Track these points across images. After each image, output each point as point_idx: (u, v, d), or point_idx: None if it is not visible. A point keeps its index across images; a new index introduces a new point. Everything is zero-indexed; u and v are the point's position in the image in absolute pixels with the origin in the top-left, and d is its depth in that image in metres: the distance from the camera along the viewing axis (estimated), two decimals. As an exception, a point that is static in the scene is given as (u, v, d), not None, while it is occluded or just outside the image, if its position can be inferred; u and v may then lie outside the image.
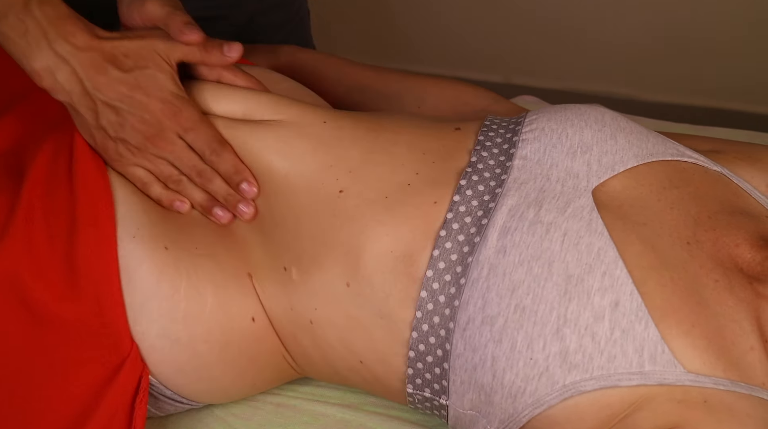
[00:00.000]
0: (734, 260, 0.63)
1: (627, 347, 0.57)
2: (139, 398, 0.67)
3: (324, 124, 0.71)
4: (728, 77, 1.75)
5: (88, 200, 0.68)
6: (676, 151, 0.69)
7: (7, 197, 0.68)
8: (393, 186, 0.67)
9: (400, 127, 0.72)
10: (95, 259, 0.66)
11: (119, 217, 0.68)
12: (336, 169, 0.68)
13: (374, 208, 0.66)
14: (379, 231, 0.65)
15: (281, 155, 0.70)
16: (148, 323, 0.67)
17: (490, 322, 0.60)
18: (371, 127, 0.71)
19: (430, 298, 0.63)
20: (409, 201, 0.66)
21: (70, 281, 0.66)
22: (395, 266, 0.64)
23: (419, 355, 0.64)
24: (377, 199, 0.66)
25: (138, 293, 0.67)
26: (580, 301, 0.58)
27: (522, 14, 1.84)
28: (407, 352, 0.64)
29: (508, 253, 0.61)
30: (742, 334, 0.59)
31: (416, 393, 0.66)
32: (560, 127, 0.68)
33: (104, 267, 0.66)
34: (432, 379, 0.64)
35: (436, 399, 0.65)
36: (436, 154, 0.69)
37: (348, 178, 0.67)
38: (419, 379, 0.65)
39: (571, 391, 0.58)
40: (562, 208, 0.63)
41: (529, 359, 0.58)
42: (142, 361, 0.68)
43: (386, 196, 0.66)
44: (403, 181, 0.67)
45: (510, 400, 0.60)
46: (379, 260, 0.65)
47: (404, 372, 0.66)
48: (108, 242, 0.67)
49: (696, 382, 0.57)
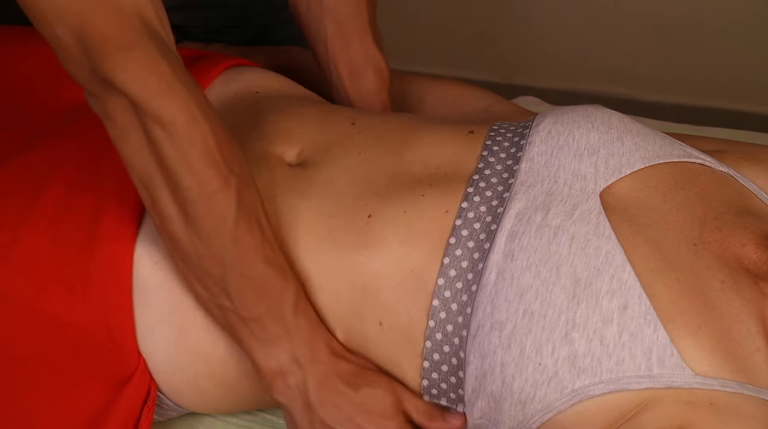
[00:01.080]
0: (740, 260, 0.62)
1: (635, 350, 0.57)
2: (146, 410, 0.68)
3: (359, 155, 0.71)
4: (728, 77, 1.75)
5: (115, 213, 0.67)
6: (683, 152, 0.69)
7: (21, 202, 0.68)
8: (410, 201, 0.66)
9: (420, 141, 0.71)
10: (109, 274, 0.66)
11: (144, 237, 0.67)
12: (365, 198, 0.68)
13: (396, 228, 0.65)
14: (401, 253, 0.65)
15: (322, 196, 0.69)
16: (155, 347, 0.67)
17: (499, 328, 0.59)
18: (397, 149, 0.71)
19: (443, 306, 0.63)
20: (425, 213, 0.66)
21: (80, 294, 0.66)
22: (414, 278, 0.64)
23: (434, 365, 0.64)
24: (397, 215, 0.66)
25: (150, 316, 0.67)
26: (588, 304, 0.58)
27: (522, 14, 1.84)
28: (422, 362, 0.64)
29: (515, 257, 0.60)
30: (748, 335, 0.59)
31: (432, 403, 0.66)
32: (567, 129, 0.68)
33: (117, 285, 0.66)
34: (447, 389, 0.64)
35: (453, 408, 0.65)
36: (448, 165, 0.69)
37: (375, 202, 0.67)
38: (435, 390, 0.65)
39: (581, 395, 0.57)
40: (569, 212, 0.62)
41: (538, 364, 0.58)
42: (150, 375, 0.68)
43: (405, 210, 0.66)
44: (419, 193, 0.67)
45: (520, 407, 0.59)
46: (402, 285, 0.64)
47: (419, 383, 0.65)
48: (125, 258, 0.66)
49: (703, 385, 0.57)
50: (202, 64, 0.83)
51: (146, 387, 0.67)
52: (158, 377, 0.69)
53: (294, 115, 0.76)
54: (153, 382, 0.68)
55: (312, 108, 0.78)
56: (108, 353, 0.66)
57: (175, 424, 0.76)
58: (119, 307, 0.66)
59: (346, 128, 0.74)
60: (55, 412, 0.66)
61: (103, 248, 0.66)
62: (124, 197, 0.67)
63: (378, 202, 0.67)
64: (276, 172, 0.70)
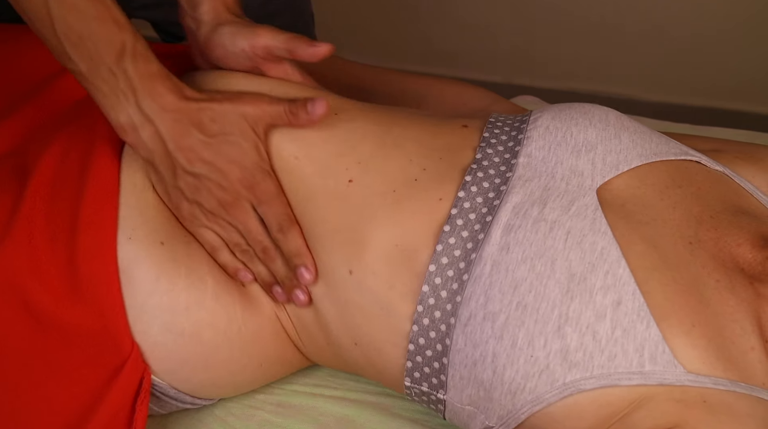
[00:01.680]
0: (735, 260, 0.63)
1: (627, 346, 0.57)
2: (140, 399, 0.68)
3: (336, 116, 0.71)
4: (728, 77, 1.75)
5: (93, 203, 0.68)
6: (679, 150, 0.69)
7: (10, 198, 0.68)
8: (401, 180, 0.67)
9: (409, 122, 0.72)
10: (95, 262, 0.67)
11: (119, 220, 0.68)
12: (347, 158, 0.68)
13: (382, 201, 0.66)
14: (385, 223, 0.66)
15: (292, 140, 0.70)
16: (150, 320, 0.67)
17: (492, 319, 0.60)
18: (382, 121, 0.72)
19: (432, 292, 0.63)
20: (416, 196, 0.66)
21: (70, 284, 0.66)
22: (399, 259, 0.64)
23: (419, 349, 0.64)
24: (386, 192, 0.67)
25: (138, 293, 0.67)
26: (582, 299, 0.58)
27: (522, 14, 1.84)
28: (407, 344, 0.65)
29: (511, 250, 0.61)
30: (742, 334, 0.60)
31: (414, 386, 0.66)
32: (565, 125, 0.68)
33: (104, 269, 0.67)
34: (430, 374, 0.65)
35: (433, 393, 0.66)
36: (443, 151, 0.69)
37: (358, 169, 0.68)
38: (417, 373, 0.65)
39: (571, 389, 0.58)
40: (566, 207, 0.63)
41: (529, 356, 0.58)
42: (143, 361, 0.68)
43: (394, 189, 0.67)
44: (411, 176, 0.67)
45: (509, 397, 0.60)
46: (383, 252, 0.65)
47: (402, 364, 0.66)
48: (108, 245, 0.67)
49: (695, 382, 0.57)
50: None
51: (139, 374, 0.67)
52: (159, 353, 0.69)
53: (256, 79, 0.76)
54: (147, 370, 0.68)
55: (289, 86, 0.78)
56: (101, 341, 0.66)
57: (175, 425, 0.77)
58: (108, 293, 0.66)
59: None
60: (47, 403, 0.66)
61: (86, 235, 0.67)
62: (101, 181, 0.69)
63: (361, 170, 0.68)
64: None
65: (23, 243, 0.66)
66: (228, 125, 0.66)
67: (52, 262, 0.66)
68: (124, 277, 0.67)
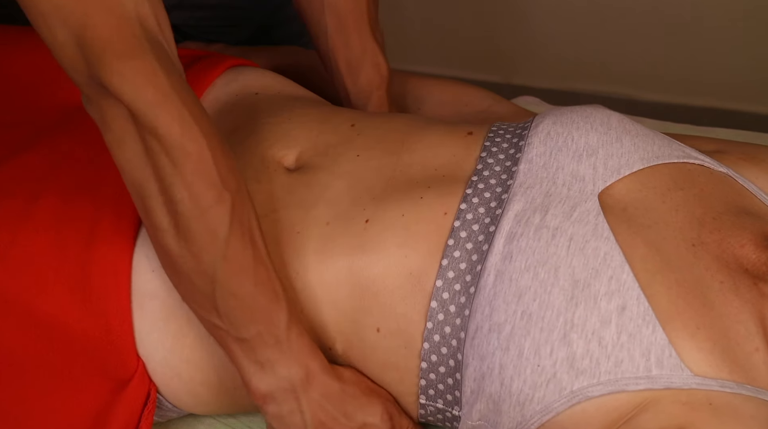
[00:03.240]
0: (739, 261, 0.62)
1: (634, 351, 0.57)
2: (146, 412, 0.68)
3: (357, 157, 0.71)
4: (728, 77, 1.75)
5: (113, 216, 0.67)
6: (681, 152, 0.69)
7: (19, 204, 0.68)
8: (408, 203, 0.66)
9: (419, 142, 0.71)
10: (108, 277, 0.66)
11: (142, 241, 0.67)
12: (363, 200, 0.68)
13: (394, 231, 0.65)
14: (399, 256, 0.65)
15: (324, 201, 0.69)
16: (154, 351, 0.68)
17: (498, 330, 0.59)
18: (395, 149, 0.71)
19: (441, 308, 0.63)
20: (423, 215, 0.66)
21: (79, 295, 0.66)
22: (413, 280, 0.64)
23: (431, 366, 0.64)
24: (395, 218, 0.66)
25: (146, 322, 0.67)
26: (586, 305, 0.58)
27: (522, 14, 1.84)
28: (420, 363, 0.64)
29: (514, 258, 0.60)
30: (747, 335, 0.59)
31: (429, 404, 0.66)
32: (566, 130, 0.68)
33: (116, 287, 0.66)
34: (444, 390, 0.64)
35: (448, 410, 0.65)
36: (446, 167, 0.69)
37: (372, 206, 0.67)
38: (432, 390, 0.65)
39: (579, 397, 0.57)
40: (568, 213, 0.63)
41: (536, 366, 0.58)
42: (149, 378, 0.68)
43: (402, 214, 0.66)
44: (417, 196, 0.67)
45: (518, 408, 0.59)
46: (401, 289, 0.64)
47: (417, 383, 0.66)
48: (124, 261, 0.66)
49: (702, 385, 0.57)
50: (203, 65, 0.83)
51: (146, 389, 0.68)
52: (157, 380, 0.69)
53: (293, 116, 0.76)
54: (153, 385, 0.68)
55: (311, 109, 0.78)
56: (107, 355, 0.66)
57: (175, 424, 0.76)
58: (118, 310, 0.66)
59: (346, 130, 0.74)
60: (55, 413, 0.66)
61: (102, 251, 0.66)
62: (123, 200, 0.67)
63: (375, 207, 0.67)
64: (274, 180, 0.70)
65: (32, 250, 0.66)
66: (371, 417, 0.65)
67: (61, 271, 0.66)
68: (137, 300, 0.67)
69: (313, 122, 0.75)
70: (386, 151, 0.71)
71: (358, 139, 0.72)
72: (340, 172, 0.70)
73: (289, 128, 0.74)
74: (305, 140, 0.73)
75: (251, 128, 0.75)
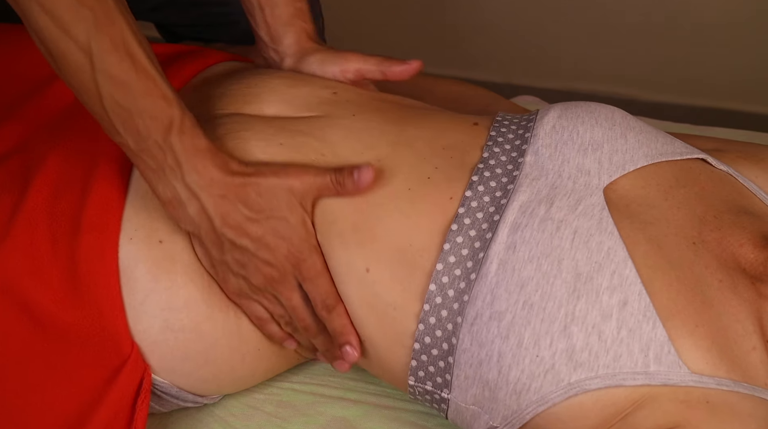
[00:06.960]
0: (738, 260, 0.63)
1: (633, 347, 0.57)
2: (141, 399, 0.68)
3: (353, 116, 0.71)
4: (728, 77, 1.75)
5: (98, 204, 0.68)
6: (685, 149, 0.69)
7: (12, 197, 0.68)
8: (415, 178, 0.67)
9: (422, 121, 0.72)
10: (95, 264, 0.67)
11: (123, 222, 0.68)
12: (365, 156, 0.68)
13: (398, 199, 0.66)
14: (402, 222, 0.65)
15: (316, 139, 0.70)
16: (150, 319, 0.68)
17: (498, 318, 0.60)
18: (397, 121, 0.72)
19: (439, 291, 0.63)
20: (429, 195, 0.66)
21: (69, 285, 0.66)
22: (411, 257, 0.64)
23: (424, 348, 0.64)
24: (401, 189, 0.66)
25: (137, 292, 0.67)
26: (588, 299, 0.58)
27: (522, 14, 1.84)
28: (412, 343, 0.64)
29: (518, 249, 0.61)
30: (744, 334, 0.60)
31: (417, 385, 0.66)
32: (571, 124, 0.68)
33: (104, 271, 0.67)
34: (435, 372, 0.65)
35: (437, 393, 0.66)
36: (454, 150, 0.69)
37: (377, 167, 0.67)
38: (422, 372, 0.65)
39: (576, 389, 0.58)
40: (573, 206, 0.63)
41: (535, 356, 0.58)
42: (143, 361, 0.68)
43: (409, 187, 0.66)
44: (424, 174, 0.67)
45: (515, 397, 0.60)
46: (399, 251, 0.65)
47: (407, 363, 0.66)
48: (110, 247, 0.67)
49: (699, 383, 0.57)
50: (194, 56, 0.83)
51: (139, 374, 0.68)
52: (160, 351, 0.69)
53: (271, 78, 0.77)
54: (147, 369, 0.68)
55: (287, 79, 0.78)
56: (101, 342, 0.67)
57: (175, 424, 0.76)
58: (108, 294, 0.66)
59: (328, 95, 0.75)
60: (46, 404, 0.66)
61: (89, 237, 0.67)
62: (108, 184, 0.69)
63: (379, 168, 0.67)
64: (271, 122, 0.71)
65: (24, 243, 0.66)
66: (275, 200, 0.65)
67: (53, 262, 0.66)
68: (124, 277, 0.67)
69: (284, 86, 0.76)
70: (387, 120, 0.72)
71: (347, 104, 0.73)
72: (334, 122, 0.70)
73: (258, 92, 0.75)
74: (291, 95, 0.75)
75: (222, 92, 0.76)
